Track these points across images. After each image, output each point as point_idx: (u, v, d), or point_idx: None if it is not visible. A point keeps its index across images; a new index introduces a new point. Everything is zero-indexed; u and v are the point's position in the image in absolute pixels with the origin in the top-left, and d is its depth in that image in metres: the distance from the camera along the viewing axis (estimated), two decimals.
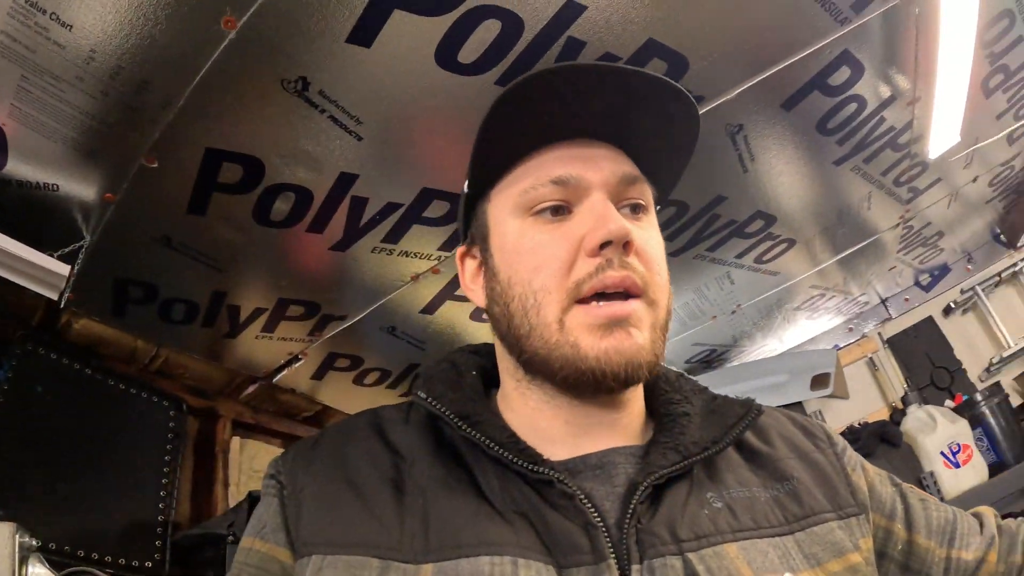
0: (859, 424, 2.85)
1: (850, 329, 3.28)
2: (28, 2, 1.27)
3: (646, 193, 0.69)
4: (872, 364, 3.16)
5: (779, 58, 1.73)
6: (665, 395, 0.70)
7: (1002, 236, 3.29)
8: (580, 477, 0.61)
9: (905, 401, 2.91)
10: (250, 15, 1.31)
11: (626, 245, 0.61)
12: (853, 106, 1.97)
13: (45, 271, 1.80)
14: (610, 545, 0.53)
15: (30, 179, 1.75)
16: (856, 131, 2.08)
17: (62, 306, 1.97)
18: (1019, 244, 3.22)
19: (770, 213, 2.36)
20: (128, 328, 2.04)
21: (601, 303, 0.61)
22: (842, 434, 2.68)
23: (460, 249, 0.75)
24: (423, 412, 0.66)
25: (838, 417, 3.03)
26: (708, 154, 2.00)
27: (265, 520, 0.61)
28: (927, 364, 3.04)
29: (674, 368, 0.83)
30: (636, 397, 0.69)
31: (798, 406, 2.93)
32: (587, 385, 0.61)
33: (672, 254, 2.40)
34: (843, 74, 1.84)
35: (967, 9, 1.68)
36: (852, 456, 0.73)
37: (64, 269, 1.83)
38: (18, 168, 1.70)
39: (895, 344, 3.14)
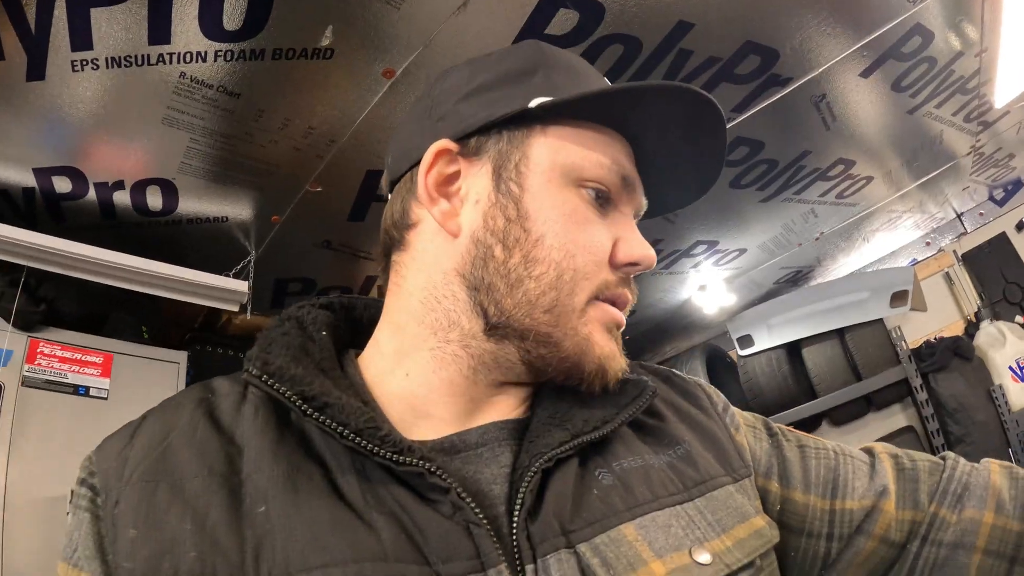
0: (935, 339, 3.47)
1: (927, 243, 3.89)
2: (192, 80, 1.86)
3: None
4: (948, 279, 3.76)
5: (857, 39, 2.28)
6: None
7: None
8: (460, 459, 0.58)
9: (978, 316, 3.53)
10: (407, 65, 1.90)
11: (640, 272, 0.67)
12: (924, 66, 2.52)
13: (228, 291, 2.45)
14: (498, 546, 0.51)
15: (201, 215, 2.46)
16: (927, 85, 2.66)
17: (248, 316, 2.67)
18: None
19: (850, 159, 3.01)
20: None
21: (611, 308, 0.65)
22: (919, 348, 3.42)
23: (446, 143, 0.64)
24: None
25: (916, 330, 3.65)
26: (795, 119, 2.63)
27: (76, 542, 0.52)
28: (1000, 279, 3.62)
29: None
30: None
31: (879, 322, 3.55)
32: (575, 377, 0.63)
33: (762, 201, 3.07)
34: (915, 42, 2.40)
35: None
36: (733, 414, 0.77)
37: (244, 286, 2.48)
38: (189, 207, 2.41)
39: (970, 259, 3.72)
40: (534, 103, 0.62)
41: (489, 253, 0.62)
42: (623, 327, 0.66)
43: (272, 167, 2.24)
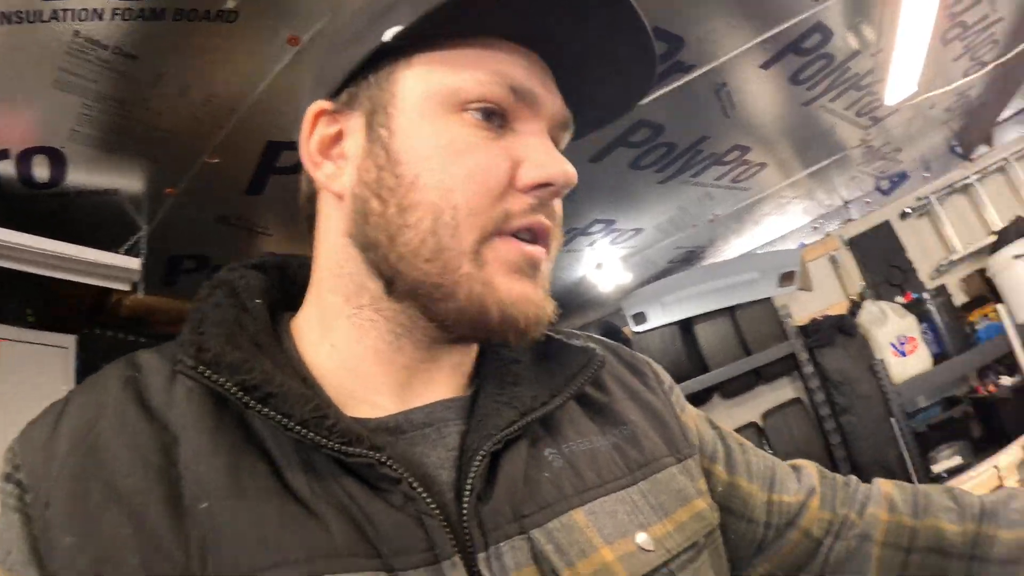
0: (821, 317, 3.70)
1: (815, 228, 4.13)
2: (87, 39, 1.70)
3: (564, 143, 0.66)
4: (834, 261, 4.01)
5: (759, 32, 2.31)
6: None
7: (958, 148, 4.07)
8: (406, 440, 0.56)
9: (862, 296, 3.79)
10: (313, 34, 1.77)
11: (559, 194, 0.60)
12: (822, 62, 2.58)
13: (117, 269, 2.25)
14: (451, 537, 0.49)
15: (89, 187, 2.23)
16: (824, 79, 2.74)
17: (140, 296, 2.47)
18: (973, 156, 4.00)
19: (745, 145, 3.09)
20: (178, 294, 2.62)
21: (524, 243, 0.57)
22: (806, 325, 3.63)
23: (320, 104, 0.60)
24: None
25: (803, 309, 3.88)
26: (696, 105, 2.65)
27: (9, 544, 0.48)
28: (883, 263, 3.91)
29: None
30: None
31: (768, 301, 3.72)
32: (482, 330, 0.57)
33: (660, 182, 3.10)
34: (815, 39, 2.45)
35: None
36: (679, 394, 0.77)
37: (134, 264, 2.28)
38: (78, 178, 2.20)
39: (855, 244, 3.98)
40: (387, 35, 0.56)
41: (367, 208, 0.57)
42: (539, 262, 0.59)
43: (168, 136, 2.03)
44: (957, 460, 3.32)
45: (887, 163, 3.78)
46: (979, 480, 1.62)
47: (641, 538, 0.56)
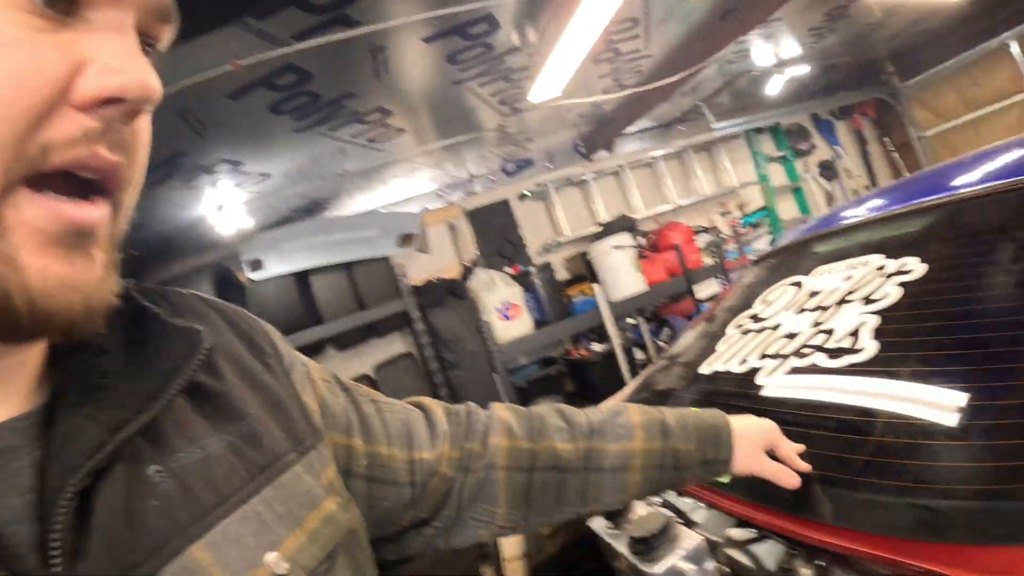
0: (436, 279, 3.98)
1: (439, 195, 4.34)
2: None
3: (166, 42, 0.51)
4: (453, 229, 4.31)
5: (433, 8, 2.27)
6: None
7: (582, 149, 4.72)
8: None
9: (475, 263, 4.15)
10: None
11: (136, 114, 0.45)
12: (482, 49, 2.64)
13: None
14: None
15: None
16: (478, 65, 2.82)
17: None
18: (593, 158, 4.70)
19: (389, 109, 3.05)
20: None
21: (63, 198, 0.42)
22: (420, 287, 3.81)
23: None
24: None
25: (420, 270, 4.10)
26: (350, 61, 2.49)
27: None
28: (497, 236, 4.33)
29: None
30: None
31: (385, 260, 3.83)
32: (6, 330, 0.42)
33: (297, 131, 2.91)
34: (481, 27, 2.48)
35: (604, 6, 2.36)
36: (300, 368, 0.69)
37: None
38: None
39: (474, 216, 4.32)
40: None
41: None
42: (91, 228, 0.44)
43: None
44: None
45: (517, 149, 4.16)
46: None
47: (271, 558, 0.51)
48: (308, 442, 0.62)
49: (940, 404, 1.06)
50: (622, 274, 4.24)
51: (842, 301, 1.59)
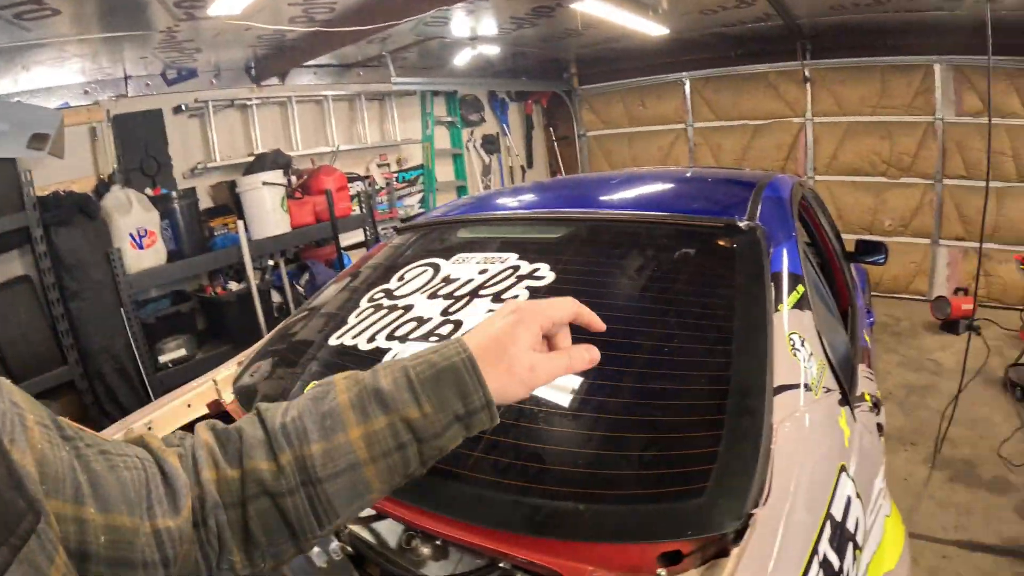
0: (64, 192, 3.61)
1: (86, 92, 3.92)
2: None
3: None
4: (94, 133, 3.95)
5: None
6: None
7: (253, 71, 4.65)
8: None
9: (112, 178, 3.89)
10: None
11: None
12: None
13: None
14: None
15: None
16: None
17: None
18: (263, 83, 4.67)
19: None
20: None
21: None
22: (47, 197, 3.46)
23: None
24: None
25: (47, 177, 3.69)
26: None
27: None
28: (143, 150, 4.09)
29: None
30: None
31: (9, 161, 3.37)
32: None
33: None
34: None
35: None
36: (8, 410, 0.56)
37: None
38: None
39: (120, 121, 4.01)
40: None
41: None
42: None
43: None
44: (182, 352, 3.95)
45: (182, 56, 3.98)
46: (199, 391, 1.86)
47: None
48: (24, 526, 0.50)
49: (545, 410, 1.30)
50: (268, 212, 4.33)
51: (474, 294, 1.70)
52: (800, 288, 1.66)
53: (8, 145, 3.30)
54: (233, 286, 4.32)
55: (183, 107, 4.32)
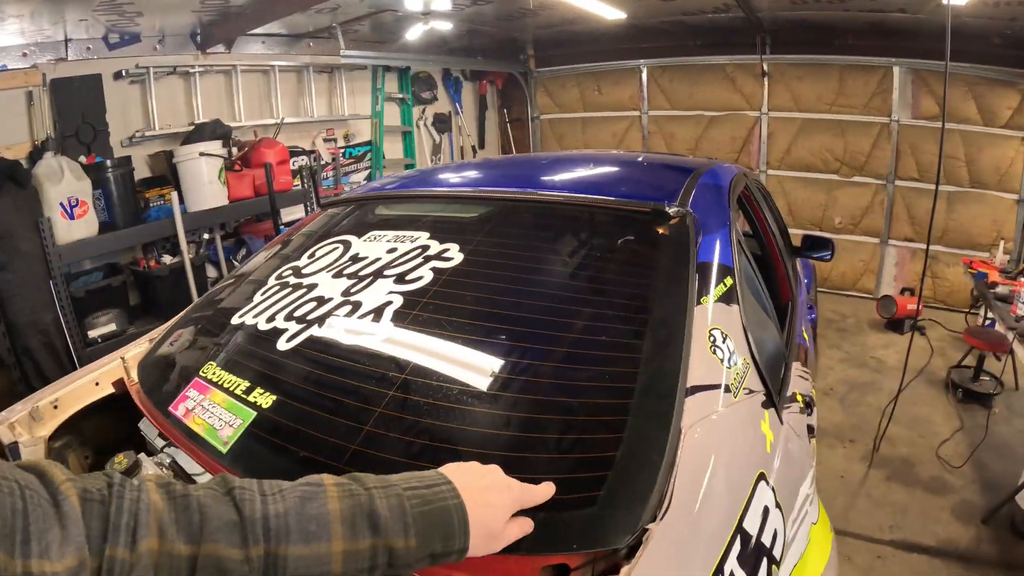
0: None
1: (24, 55, 3.93)
2: None
3: None
4: (30, 98, 3.97)
5: None
6: None
7: (198, 38, 4.71)
8: None
9: (46, 145, 3.93)
10: None
11: None
12: None
13: None
14: None
15: None
16: None
17: None
18: (208, 51, 4.74)
19: None
20: None
21: None
22: None
23: None
24: None
25: None
26: None
27: None
28: (79, 116, 4.11)
29: None
30: None
31: None
32: None
33: None
34: None
35: None
36: None
37: None
38: None
39: (58, 87, 4.03)
40: None
41: None
42: None
43: None
44: (112, 327, 3.99)
45: (123, 20, 4.00)
46: (106, 368, 1.82)
47: None
48: None
49: (430, 402, 1.28)
50: (205, 184, 4.43)
51: (378, 274, 1.70)
52: (728, 280, 1.63)
53: None
54: (167, 260, 4.38)
55: (124, 73, 4.36)
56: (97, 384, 1.79)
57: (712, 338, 1.43)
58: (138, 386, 1.71)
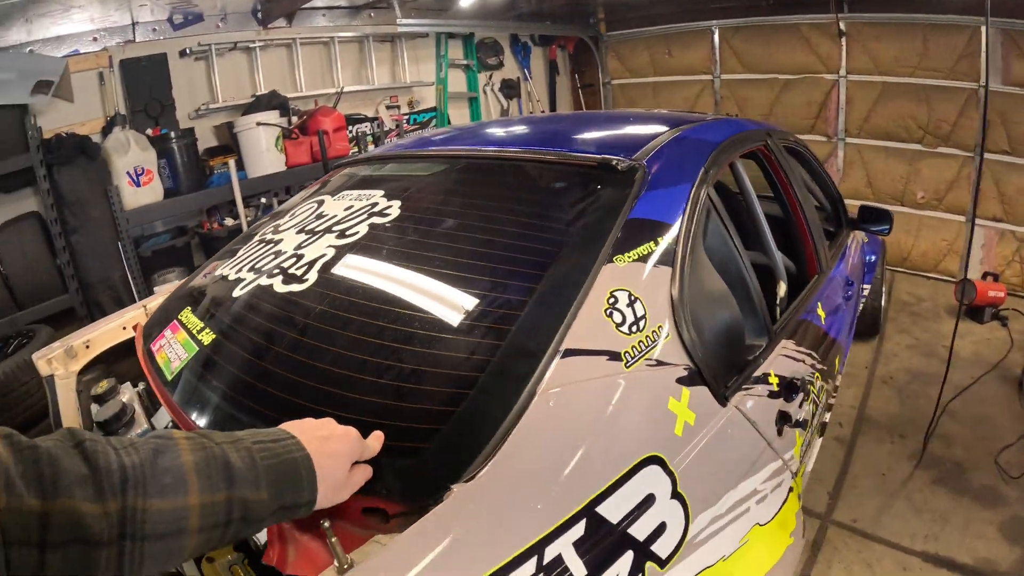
0: (65, 134, 4.29)
1: (95, 39, 4.59)
2: None
3: None
4: (101, 78, 4.64)
5: None
6: None
7: (260, 14, 5.26)
8: None
9: (115, 120, 4.60)
10: None
11: None
12: None
13: None
14: None
15: None
16: None
17: None
18: (270, 26, 5.28)
19: None
20: None
21: None
22: (49, 140, 4.16)
23: None
24: None
25: (61, 119, 4.39)
26: None
27: None
28: (147, 93, 4.78)
29: None
30: None
31: (19, 107, 4.06)
32: None
33: None
34: None
35: None
36: None
37: None
38: None
39: (127, 66, 4.69)
40: None
41: None
42: None
43: None
44: (175, 283, 4.58)
45: (183, 2, 4.65)
46: (132, 315, 2.19)
47: None
48: None
49: (313, 346, 1.39)
50: (263, 151, 5.05)
51: (327, 231, 1.84)
52: (660, 240, 1.57)
53: (12, 92, 3.96)
54: (229, 222, 4.98)
55: (188, 51, 4.98)
56: (124, 328, 2.15)
57: (613, 299, 1.39)
58: (141, 328, 2.03)
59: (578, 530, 1.06)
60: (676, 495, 1.23)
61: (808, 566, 3.01)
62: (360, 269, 1.63)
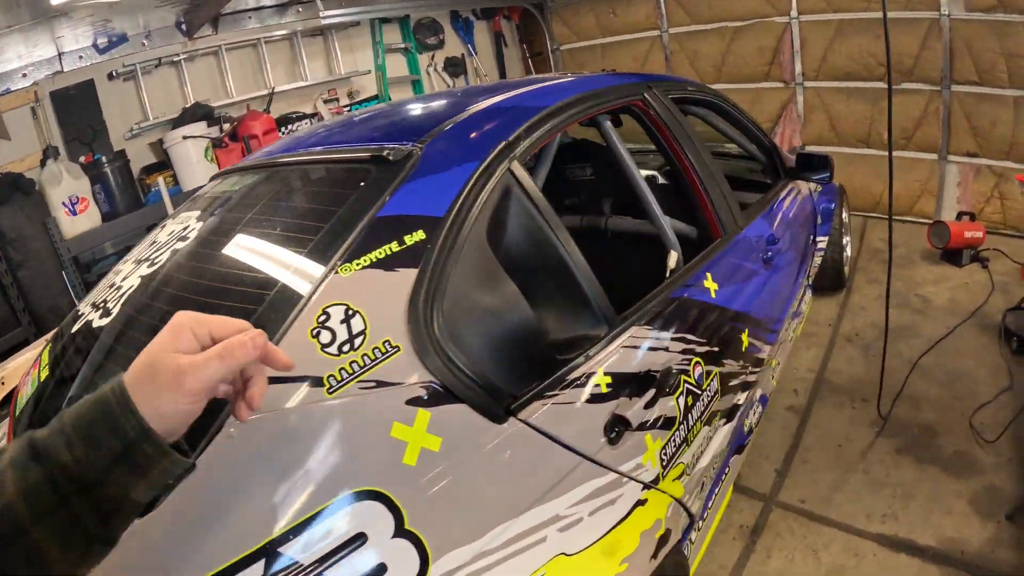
0: (2, 174, 5.03)
1: (24, 75, 5.36)
2: None
3: None
4: (34, 113, 5.41)
5: None
6: None
7: (184, 26, 5.99)
8: None
9: (48, 153, 5.35)
10: None
11: None
12: None
13: None
14: None
15: None
16: None
17: None
18: (196, 35, 5.99)
19: None
20: None
21: None
22: None
23: None
24: None
25: (1, 158, 5.14)
26: None
27: None
28: (80, 120, 5.54)
29: None
30: None
31: None
32: None
33: None
34: None
35: None
36: None
37: None
38: None
39: (56, 97, 5.45)
40: None
41: None
42: None
43: None
44: None
45: (108, 22, 5.41)
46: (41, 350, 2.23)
47: None
48: None
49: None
50: (194, 164, 5.82)
51: (143, 261, 1.92)
52: (408, 238, 1.54)
53: None
54: None
55: (114, 73, 5.74)
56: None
57: (324, 317, 1.38)
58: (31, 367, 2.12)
59: (256, 570, 1.14)
60: (404, 532, 1.25)
61: (745, 556, 3.04)
62: (143, 303, 1.73)
